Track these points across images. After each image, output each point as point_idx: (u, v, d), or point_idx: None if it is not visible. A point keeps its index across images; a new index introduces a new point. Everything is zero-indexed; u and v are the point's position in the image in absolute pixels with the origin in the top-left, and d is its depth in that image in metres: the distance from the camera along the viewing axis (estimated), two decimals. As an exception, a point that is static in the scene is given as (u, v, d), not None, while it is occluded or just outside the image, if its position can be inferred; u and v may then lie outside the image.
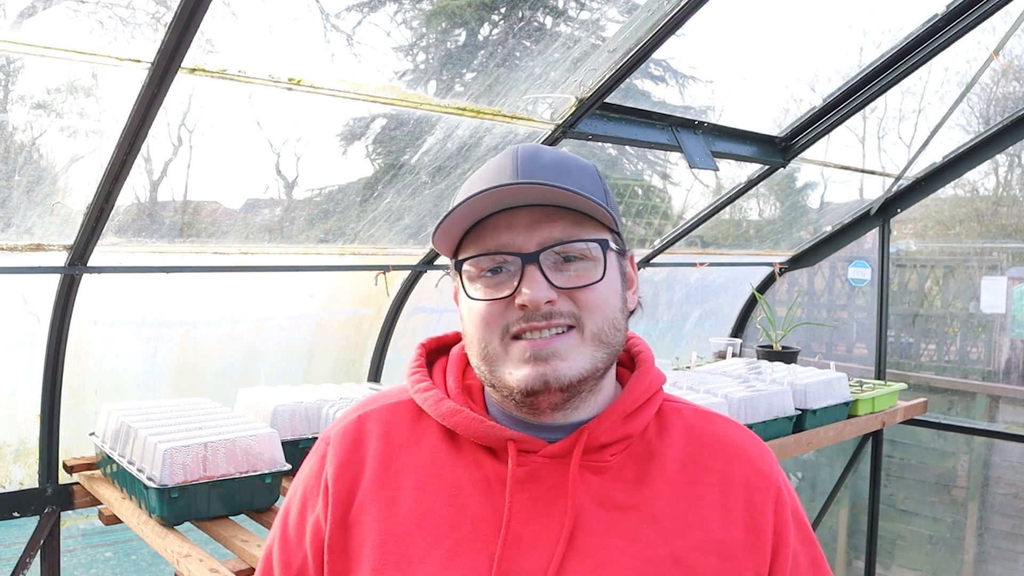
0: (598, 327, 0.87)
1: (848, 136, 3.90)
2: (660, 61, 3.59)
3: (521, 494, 0.87)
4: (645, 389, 0.94)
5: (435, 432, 0.93)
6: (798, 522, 0.95)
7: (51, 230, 2.14)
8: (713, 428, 0.96)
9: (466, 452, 0.91)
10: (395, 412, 0.96)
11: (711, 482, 0.91)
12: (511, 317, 0.86)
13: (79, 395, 2.46)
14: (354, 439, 0.94)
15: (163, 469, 1.84)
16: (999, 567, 4.28)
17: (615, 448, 0.90)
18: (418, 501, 0.88)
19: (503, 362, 0.87)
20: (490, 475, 0.88)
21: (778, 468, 0.96)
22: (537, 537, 0.84)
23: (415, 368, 0.99)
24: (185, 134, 2.38)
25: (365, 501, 0.89)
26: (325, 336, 3.12)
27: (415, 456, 0.92)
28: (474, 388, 0.96)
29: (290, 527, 0.96)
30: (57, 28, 1.71)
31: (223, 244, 2.55)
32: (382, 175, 2.74)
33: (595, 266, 0.88)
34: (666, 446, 0.93)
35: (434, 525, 0.86)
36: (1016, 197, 4.52)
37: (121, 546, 2.97)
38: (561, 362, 0.84)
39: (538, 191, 0.85)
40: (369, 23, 2.34)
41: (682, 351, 4.62)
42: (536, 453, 0.89)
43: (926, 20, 2.88)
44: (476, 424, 0.90)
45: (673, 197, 4.12)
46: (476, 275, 0.88)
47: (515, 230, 0.87)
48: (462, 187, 0.95)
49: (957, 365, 4.45)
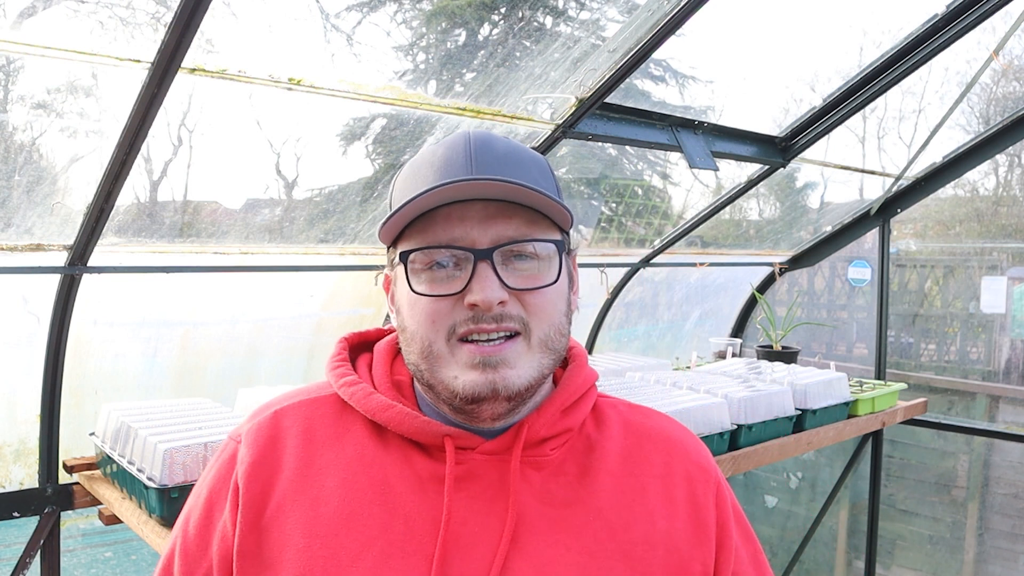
0: (545, 333, 0.83)
1: (848, 136, 3.90)
2: (660, 61, 3.59)
3: (459, 492, 0.82)
4: (580, 383, 0.91)
5: (360, 428, 0.88)
6: (738, 516, 0.94)
7: (51, 230, 2.14)
8: (650, 422, 0.95)
9: (395, 449, 0.86)
10: (315, 407, 0.90)
11: (653, 474, 0.89)
12: (458, 317, 0.81)
13: (79, 395, 2.46)
14: (269, 436, 0.87)
15: (163, 469, 1.84)
16: (999, 567, 4.28)
17: (555, 442, 0.87)
18: (344, 500, 0.82)
19: (447, 364, 0.82)
20: (423, 473, 0.84)
21: (715, 464, 0.95)
22: (477, 537, 0.80)
23: (338, 362, 0.94)
24: (185, 134, 2.38)
25: (284, 502, 0.83)
26: (325, 336, 3.12)
27: (339, 453, 0.85)
28: (403, 384, 0.92)
29: (191, 534, 0.88)
30: (57, 28, 1.71)
31: (223, 244, 2.55)
32: (382, 175, 2.74)
33: (548, 267, 0.84)
34: (605, 439, 0.90)
35: (364, 525, 0.80)
36: (1016, 197, 4.52)
37: (121, 546, 2.97)
38: (510, 370, 0.81)
39: (496, 187, 0.80)
40: (369, 23, 2.34)
41: (682, 351, 4.62)
42: (474, 450, 0.85)
43: (926, 20, 2.88)
44: (410, 420, 0.85)
45: (673, 197, 4.12)
46: (421, 268, 0.83)
47: (468, 224, 0.82)
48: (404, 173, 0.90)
49: (957, 365, 4.45)
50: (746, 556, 0.93)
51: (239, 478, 0.85)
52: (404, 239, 0.86)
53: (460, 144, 0.86)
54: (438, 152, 0.87)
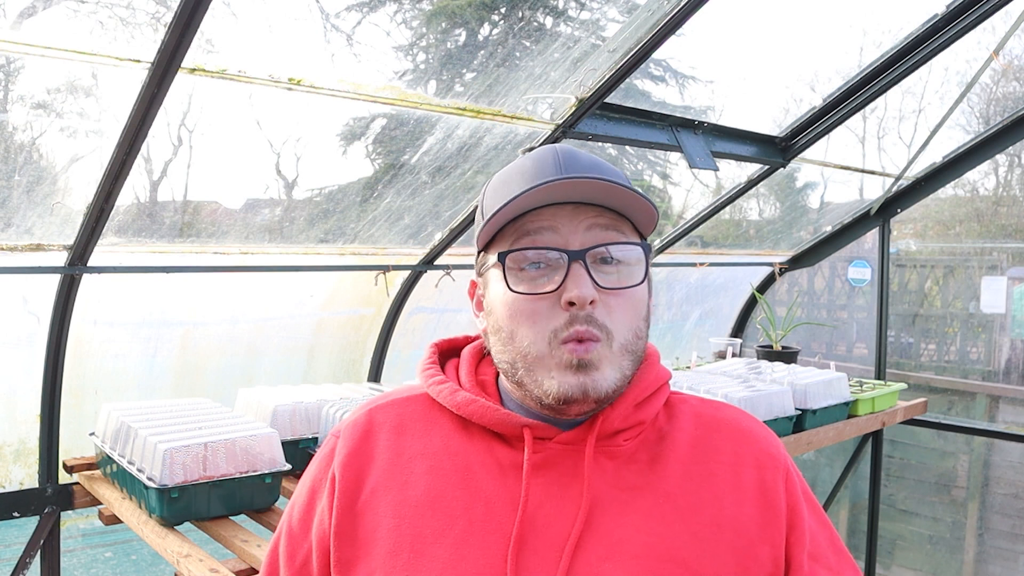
0: (625, 338, 0.88)
1: (848, 136, 3.90)
2: (660, 61, 3.58)
3: (536, 478, 0.88)
4: (654, 379, 0.95)
5: (448, 422, 0.94)
6: (810, 503, 0.97)
7: (51, 230, 2.14)
8: (720, 414, 0.99)
9: (479, 440, 0.92)
10: (407, 405, 0.98)
11: (722, 461, 0.92)
12: (557, 321, 0.85)
13: (79, 395, 2.46)
14: (364, 431, 0.95)
15: (163, 469, 1.84)
16: (999, 567, 4.28)
17: (628, 434, 0.92)
18: (431, 485, 0.88)
19: (544, 365, 0.86)
20: (504, 461, 0.89)
21: (785, 452, 0.98)
22: (552, 518, 0.85)
23: (428, 364, 1.01)
24: (185, 134, 2.37)
25: (377, 488, 0.90)
26: (325, 336, 3.12)
27: (427, 443, 0.92)
28: (487, 382, 0.98)
29: (295, 520, 0.97)
30: (57, 28, 1.71)
31: (223, 244, 2.55)
32: (382, 175, 2.74)
33: (635, 270, 0.89)
34: (676, 430, 0.95)
35: (447, 506, 0.87)
36: (1016, 197, 4.52)
37: (121, 546, 2.97)
38: (598, 372, 0.85)
39: (592, 186, 0.85)
40: (369, 23, 2.34)
41: (682, 351, 4.62)
42: (551, 440, 0.90)
43: (926, 20, 2.88)
44: (491, 412, 0.90)
45: (673, 197, 4.12)
46: (516, 269, 0.88)
47: (561, 225, 0.87)
48: (494, 183, 0.95)
49: (957, 365, 4.45)
50: (824, 540, 0.95)
51: (336, 468, 0.92)
52: (497, 242, 0.91)
53: (548, 154, 0.92)
54: (527, 163, 0.92)
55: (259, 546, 1.78)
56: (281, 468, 2.03)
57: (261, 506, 2.02)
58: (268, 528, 1.98)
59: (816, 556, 0.92)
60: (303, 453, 2.32)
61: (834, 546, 0.96)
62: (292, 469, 2.17)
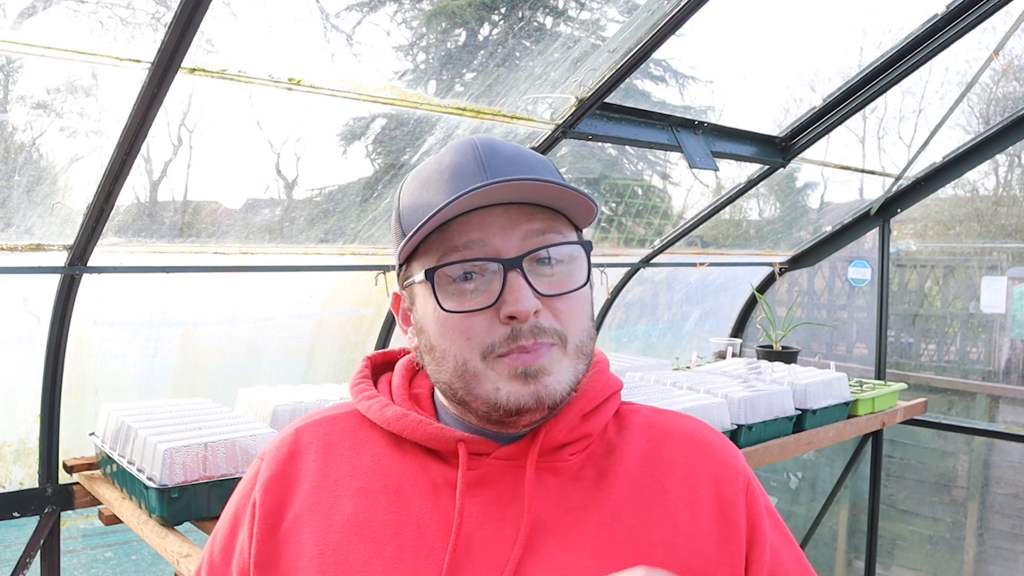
0: (579, 339, 0.81)
1: (848, 136, 3.90)
2: (660, 61, 3.58)
3: (472, 498, 0.81)
4: (602, 389, 0.89)
5: (378, 439, 0.88)
6: (772, 517, 0.90)
7: (51, 230, 2.14)
8: (674, 424, 0.92)
9: (412, 457, 0.85)
10: (335, 423, 0.91)
11: (676, 475, 0.86)
12: (497, 336, 0.78)
13: (79, 395, 2.46)
14: (289, 452, 0.88)
15: (163, 469, 1.84)
16: (999, 567, 4.28)
17: (574, 448, 0.85)
18: (358, 508, 0.82)
19: (485, 379, 0.79)
20: (437, 480, 0.83)
21: (744, 463, 0.92)
22: (490, 541, 0.79)
23: (359, 379, 0.94)
24: (185, 134, 2.37)
25: (301, 513, 0.83)
26: (325, 336, 3.12)
27: (356, 463, 0.86)
28: (421, 396, 0.92)
29: (216, 551, 0.90)
30: (57, 28, 1.71)
31: (223, 244, 2.55)
32: (382, 175, 2.74)
33: (577, 270, 0.82)
34: (626, 443, 0.88)
35: (376, 531, 0.80)
36: (1016, 197, 4.52)
37: (121, 546, 2.97)
38: (549, 377, 0.78)
39: (520, 188, 0.76)
40: (369, 23, 2.34)
41: (682, 351, 4.62)
42: (489, 455, 0.83)
43: (926, 20, 2.88)
44: (423, 427, 0.84)
45: (673, 197, 4.12)
46: (445, 283, 0.79)
47: (490, 230, 0.79)
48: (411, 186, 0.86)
49: (957, 365, 4.45)
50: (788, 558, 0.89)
51: (257, 494, 0.86)
52: (420, 255, 0.83)
53: (468, 150, 0.83)
54: (444, 160, 0.84)
55: (259, 546, 1.78)
56: (281, 468, 2.03)
57: (261, 506, 2.01)
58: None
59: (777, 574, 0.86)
60: (303, 453, 2.32)
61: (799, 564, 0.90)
62: (292, 469, 2.17)
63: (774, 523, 0.90)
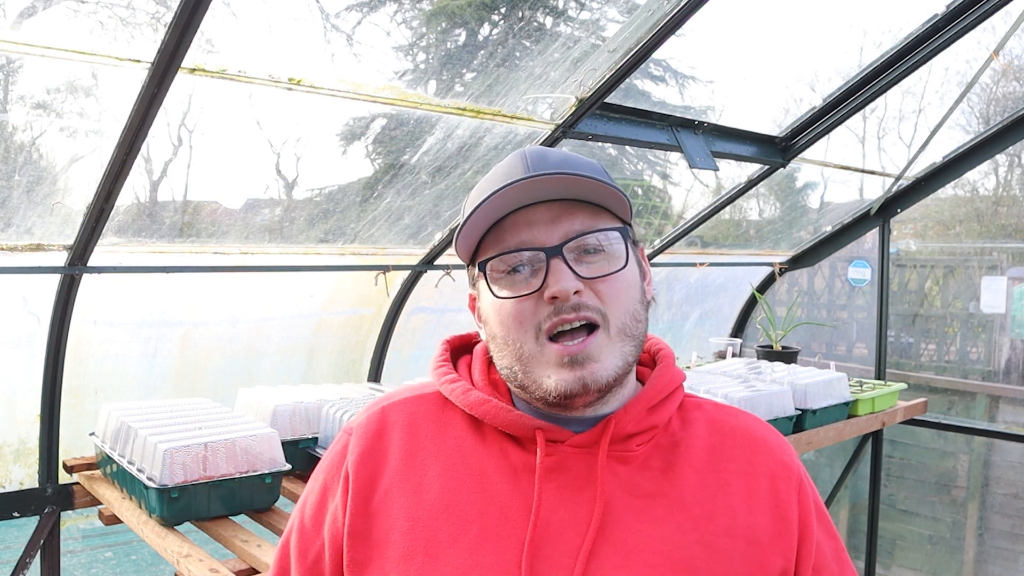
0: (622, 321, 0.88)
1: (848, 136, 3.90)
2: (660, 61, 3.58)
3: (549, 482, 0.87)
4: (667, 383, 0.95)
5: (461, 422, 0.94)
6: (820, 513, 0.96)
7: (51, 230, 2.14)
8: (735, 421, 0.98)
9: (492, 441, 0.91)
10: (419, 404, 0.97)
11: (736, 470, 0.92)
12: (542, 314, 0.86)
13: (79, 395, 2.46)
14: (377, 429, 0.95)
15: (163, 469, 1.84)
16: (999, 567, 4.28)
17: (641, 439, 0.91)
18: (445, 488, 0.88)
19: (538, 364, 0.87)
20: (517, 464, 0.89)
21: (798, 461, 0.98)
22: (566, 524, 0.85)
23: (441, 362, 1.01)
24: (185, 134, 2.38)
25: (391, 489, 0.90)
26: (325, 336, 3.12)
27: (441, 444, 0.92)
28: (500, 382, 0.97)
29: (307, 517, 0.96)
30: (57, 28, 1.71)
31: (223, 244, 2.55)
32: (382, 175, 2.74)
33: (616, 256, 0.89)
34: (691, 436, 0.94)
35: (462, 511, 0.87)
36: (1016, 197, 4.52)
37: (121, 546, 2.97)
38: (596, 364, 0.85)
39: (558, 182, 0.86)
40: (369, 23, 2.34)
41: (682, 351, 4.62)
42: (563, 443, 0.89)
43: (926, 20, 2.88)
44: (504, 413, 0.90)
45: (673, 197, 4.12)
46: (498, 276, 0.89)
47: (535, 226, 0.88)
48: (472, 195, 0.96)
49: (957, 365, 4.45)
50: (829, 551, 0.95)
51: (349, 467, 0.92)
52: (480, 253, 0.92)
53: (517, 158, 0.93)
54: (499, 169, 0.94)
55: (259, 546, 1.78)
56: (281, 468, 2.03)
57: (261, 506, 2.02)
58: (268, 528, 1.98)
59: (819, 568, 0.92)
60: (303, 453, 2.32)
61: (838, 557, 0.96)
62: (292, 469, 2.17)
63: (821, 519, 0.96)
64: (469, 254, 0.94)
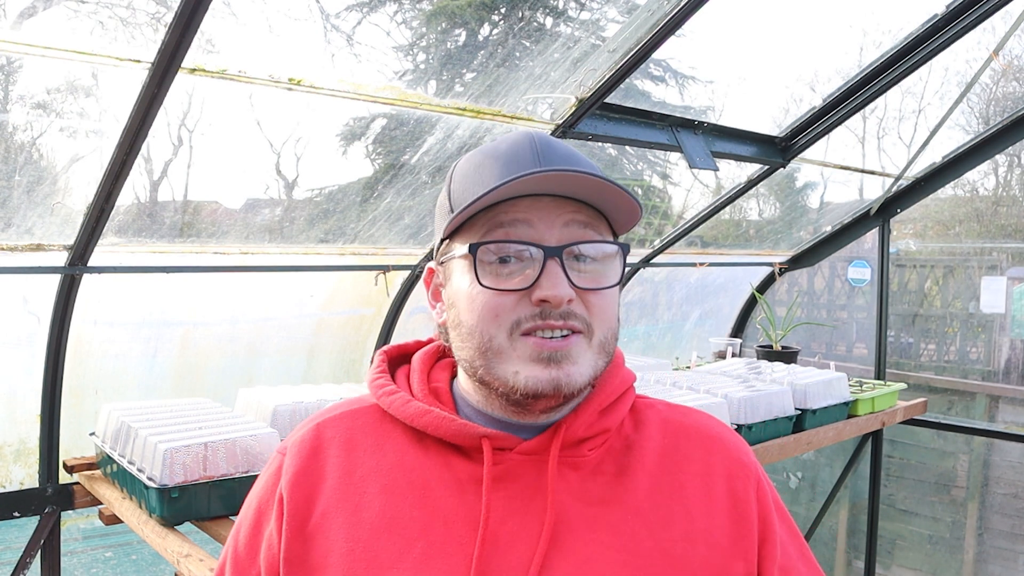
0: (604, 336, 0.84)
1: (848, 136, 3.91)
2: (660, 61, 3.59)
3: (497, 492, 0.83)
4: (618, 384, 0.91)
5: (401, 435, 0.89)
6: (780, 512, 0.93)
7: (51, 230, 2.14)
8: (688, 420, 0.95)
9: (435, 453, 0.86)
10: (356, 418, 0.92)
11: (692, 472, 0.89)
12: (523, 312, 0.81)
13: (79, 395, 2.46)
14: (312, 448, 0.89)
15: (163, 469, 1.84)
16: (999, 567, 4.28)
17: (592, 443, 0.88)
18: (385, 505, 0.83)
19: (507, 359, 0.81)
20: (462, 475, 0.84)
21: (755, 459, 0.95)
22: (516, 536, 0.81)
23: (378, 373, 0.95)
24: (185, 134, 2.38)
25: (328, 510, 0.85)
26: (325, 336, 3.12)
27: (380, 460, 0.87)
28: (440, 391, 0.93)
29: (240, 544, 0.91)
30: (57, 28, 1.71)
31: (223, 244, 2.55)
32: (382, 175, 2.74)
33: (612, 270, 0.85)
34: (644, 439, 0.90)
35: (404, 528, 0.82)
36: (1016, 197, 4.52)
37: (121, 546, 2.97)
38: (573, 366, 0.81)
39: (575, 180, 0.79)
40: (369, 23, 2.34)
41: (682, 351, 4.62)
42: (511, 451, 0.85)
43: (926, 20, 2.88)
44: (447, 423, 0.85)
45: (673, 197, 4.13)
46: (487, 260, 0.82)
47: (537, 218, 0.82)
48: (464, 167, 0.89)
49: (957, 365, 4.45)
50: (794, 551, 0.92)
51: (283, 489, 0.87)
52: (464, 231, 0.85)
53: (524, 140, 0.86)
54: (500, 147, 0.87)
55: (259, 546, 1.78)
56: (281, 468, 2.03)
57: (261, 506, 2.01)
58: (268, 528, 1.98)
59: (787, 569, 0.89)
60: (303, 453, 2.32)
61: (804, 556, 0.93)
62: (292, 469, 2.16)
63: (782, 517, 0.93)
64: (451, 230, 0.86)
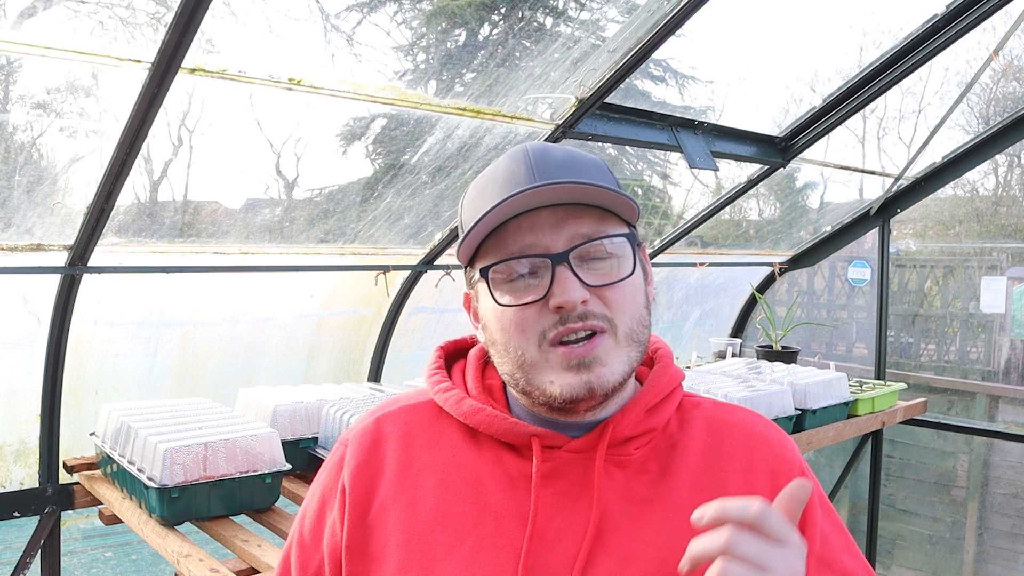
0: (629, 327, 0.86)
1: (848, 136, 3.91)
2: (660, 61, 3.59)
3: (545, 490, 0.86)
4: (666, 384, 0.93)
5: (455, 431, 0.93)
6: (825, 507, 0.95)
7: (51, 230, 2.14)
8: (733, 418, 0.97)
9: (487, 450, 0.90)
10: (414, 413, 0.96)
11: (734, 469, 0.91)
12: (546, 322, 0.84)
13: (79, 395, 2.46)
14: (372, 440, 0.94)
15: (163, 469, 1.84)
16: (999, 567, 4.28)
17: (639, 442, 0.90)
18: (440, 499, 0.88)
19: (542, 370, 0.85)
20: (512, 472, 0.88)
21: (799, 454, 0.97)
22: (562, 532, 0.84)
23: (434, 370, 0.99)
24: (185, 134, 2.38)
25: (386, 501, 0.89)
26: (325, 336, 3.12)
27: (436, 455, 0.91)
28: (494, 388, 0.96)
29: (306, 530, 0.96)
30: (57, 28, 1.71)
31: (223, 244, 2.55)
32: (382, 175, 2.74)
33: (623, 262, 0.87)
34: (688, 438, 0.93)
35: (457, 522, 0.86)
36: (1016, 197, 4.52)
37: (121, 546, 2.97)
38: (603, 368, 0.84)
39: (561, 191, 0.83)
40: (369, 23, 2.34)
41: (682, 351, 4.62)
42: (560, 449, 0.88)
43: (926, 20, 2.88)
44: (499, 421, 0.89)
45: (673, 197, 4.13)
46: (502, 280, 0.86)
47: (540, 231, 0.85)
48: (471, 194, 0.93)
49: (957, 365, 4.45)
50: (838, 545, 0.93)
51: (345, 480, 0.92)
52: (480, 256, 0.90)
53: (520, 156, 0.90)
54: (499, 168, 0.91)
55: (259, 546, 1.78)
56: (281, 468, 2.03)
57: (261, 506, 2.02)
58: (268, 528, 1.98)
59: (829, 562, 0.90)
60: (303, 453, 2.32)
61: (849, 551, 0.94)
62: (292, 469, 2.17)
63: (826, 511, 0.95)
64: (468, 256, 0.92)
